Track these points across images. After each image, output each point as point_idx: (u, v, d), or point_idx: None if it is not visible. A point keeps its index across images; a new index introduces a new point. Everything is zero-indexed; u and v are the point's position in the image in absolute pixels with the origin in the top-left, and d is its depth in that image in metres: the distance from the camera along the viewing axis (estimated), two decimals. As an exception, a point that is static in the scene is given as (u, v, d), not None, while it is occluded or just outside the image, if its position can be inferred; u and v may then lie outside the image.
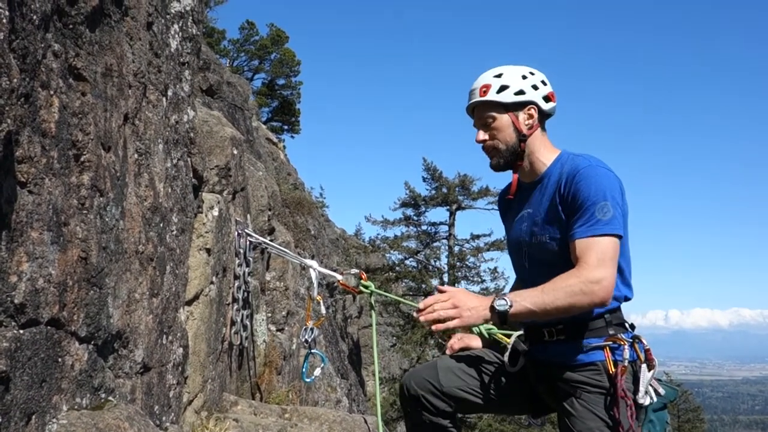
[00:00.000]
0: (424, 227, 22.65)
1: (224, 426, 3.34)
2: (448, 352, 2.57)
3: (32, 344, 1.66)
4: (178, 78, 3.05)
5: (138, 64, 2.45)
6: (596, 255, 2.08)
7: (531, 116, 2.33)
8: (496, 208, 2.74)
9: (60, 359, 1.83)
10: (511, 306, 2.07)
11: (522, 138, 2.33)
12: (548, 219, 2.26)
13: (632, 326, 2.26)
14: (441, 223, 22.49)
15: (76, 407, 1.93)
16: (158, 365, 2.72)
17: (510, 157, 2.34)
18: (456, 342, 2.60)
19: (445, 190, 22.11)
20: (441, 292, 2.18)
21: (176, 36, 3.01)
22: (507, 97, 2.31)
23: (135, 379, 2.45)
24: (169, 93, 2.90)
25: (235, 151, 4.18)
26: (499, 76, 2.35)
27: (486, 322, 2.16)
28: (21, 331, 1.62)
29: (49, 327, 1.75)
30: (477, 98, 2.35)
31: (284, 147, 21.48)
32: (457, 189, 22.05)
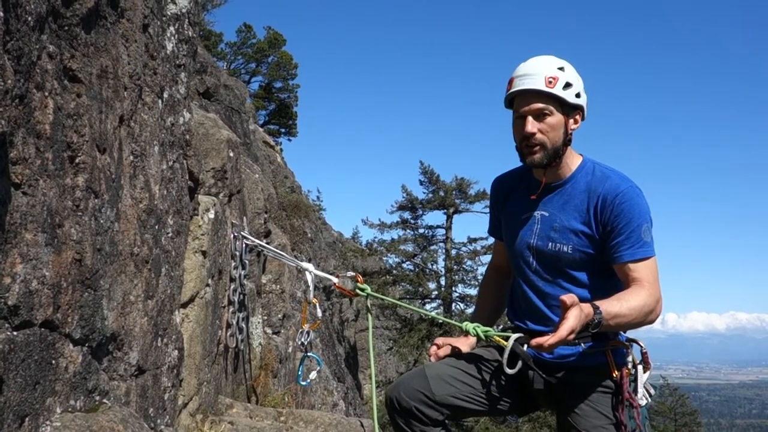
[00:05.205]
0: (421, 230, 22.68)
1: (219, 429, 3.33)
2: (433, 359, 2.47)
3: (26, 346, 1.66)
4: (174, 80, 3.05)
5: (133, 66, 2.44)
6: (652, 275, 2.15)
7: (577, 121, 2.27)
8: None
9: (54, 361, 1.82)
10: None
11: (567, 142, 2.25)
12: (573, 229, 2.24)
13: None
14: (438, 227, 22.53)
15: (69, 409, 1.92)
16: (153, 368, 2.72)
17: (552, 157, 2.23)
18: (440, 349, 2.49)
19: (442, 193, 22.15)
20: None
21: (172, 38, 3.01)
22: (570, 96, 2.20)
23: (129, 381, 2.44)
24: (165, 95, 2.90)
25: (232, 154, 4.17)
26: (562, 69, 2.21)
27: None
28: (14, 333, 1.61)
29: (42, 329, 1.75)
30: (541, 87, 2.17)
31: (281, 150, 21.49)
32: (454, 192, 22.08)
